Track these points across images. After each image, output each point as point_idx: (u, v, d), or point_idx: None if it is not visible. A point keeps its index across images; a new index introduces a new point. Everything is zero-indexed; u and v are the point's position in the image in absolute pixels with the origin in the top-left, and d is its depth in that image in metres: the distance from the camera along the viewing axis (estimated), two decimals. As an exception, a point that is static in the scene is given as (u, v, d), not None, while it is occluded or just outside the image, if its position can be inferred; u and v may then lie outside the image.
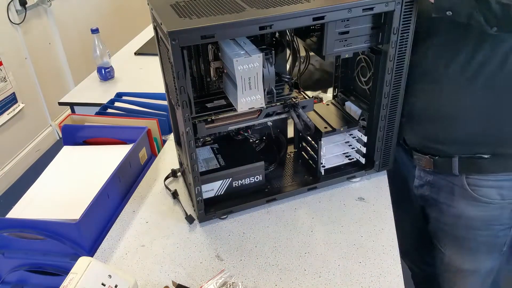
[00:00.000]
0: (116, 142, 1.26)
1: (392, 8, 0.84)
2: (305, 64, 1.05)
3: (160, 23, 0.79)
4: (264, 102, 0.89)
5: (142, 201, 1.07)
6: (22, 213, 1.02)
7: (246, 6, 0.82)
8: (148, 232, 0.98)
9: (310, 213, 1.00)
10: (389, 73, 0.93)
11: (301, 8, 0.80)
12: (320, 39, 0.89)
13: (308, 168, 1.10)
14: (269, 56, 0.86)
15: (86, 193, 1.01)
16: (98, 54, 1.78)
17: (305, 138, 1.09)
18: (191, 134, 0.86)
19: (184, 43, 0.74)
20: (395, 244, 0.90)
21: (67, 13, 2.92)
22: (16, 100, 2.53)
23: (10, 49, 2.48)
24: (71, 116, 1.35)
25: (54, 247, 0.93)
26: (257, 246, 0.92)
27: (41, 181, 1.13)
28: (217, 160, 1.03)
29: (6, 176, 2.52)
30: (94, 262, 0.75)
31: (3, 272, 0.99)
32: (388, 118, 1.00)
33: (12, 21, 2.46)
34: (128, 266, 0.89)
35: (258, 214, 1.00)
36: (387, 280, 0.82)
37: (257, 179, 1.02)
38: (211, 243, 0.93)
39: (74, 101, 1.71)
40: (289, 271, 0.86)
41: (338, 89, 1.15)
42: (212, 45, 0.92)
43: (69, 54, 2.95)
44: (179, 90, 0.80)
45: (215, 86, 1.01)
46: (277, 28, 0.81)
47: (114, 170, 1.05)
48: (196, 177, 0.91)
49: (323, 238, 0.92)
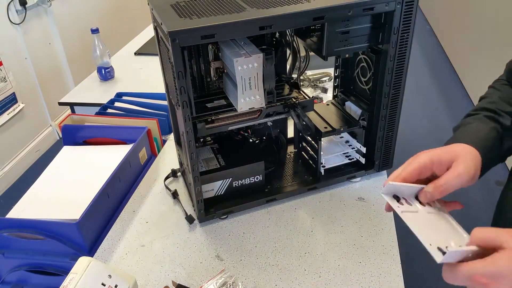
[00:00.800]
0: (116, 142, 1.26)
1: (393, 8, 0.84)
2: (305, 64, 1.05)
3: (160, 23, 0.79)
4: (264, 102, 0.89)
5: (142, 201, 1.07)
6: (22, 213, 1.02)
7: (246, 6, 0.82)
8: (148, 232, 0.98)
9: (310, 213, 1.00)
10: (389, 73, 0.93)
11: (301, 8, 0.80)
12: (320, 39, 0.89)
13: (308, 168, 1.10)
14: (269, 56, 0.86)
15: (86, 193, 1.01)
16: (98, 54, 1.78)
17: (305, 138, 1.09)
18: (191, 134, 0.86)
19: (184, 43, 0.74)
20: (395, 244, 0.90)
21: (67, 13, 2.93)
22: (16, 100, 2.52)
23: (10, 49, 2.48)
24: (71, 116, 1.35)
25: (54, 247, 0.93)
26: (257, 246, 0.92)
27: (41, 181, 1.13)
28: (217, 160, 1.03)
29: (6, 176, 2.51)
30: (94, 262, 0.75)
31: (3, 272, 0.99)
32: (388, 118, 1.00)
33: (12, 21, 2.46)
34: (128, 266, 0.89)
35: (258, 214, 1.00)
36: (387, 280, 0.82)
37: (257, 179, 1.02)
38: (211, 243, 0.93)
39: (74, 101, 1.71)
40: (289, 271, 0.86)
41: (338, 89, 1.14)
42: (212, 45, 0.92)
43: (69, 54, 2.95)
44: (179, 90, 0.80)
45: (215, 86, 1.01)
46: (277, 28, 0.81)
47: (114, 170, 1.05)
48: (196, 177, 0.91)
49: (323, 238, 0.92)
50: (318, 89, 1.57)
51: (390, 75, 0.93)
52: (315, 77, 1.61)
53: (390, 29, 0.87)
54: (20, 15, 2.51)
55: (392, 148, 1.06)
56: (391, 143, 1.05)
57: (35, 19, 2.67)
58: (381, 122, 1.00)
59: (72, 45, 2.97)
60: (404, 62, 0.93)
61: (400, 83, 0.95)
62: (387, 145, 1.05)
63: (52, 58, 2.86)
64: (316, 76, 1.62)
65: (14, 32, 2.50)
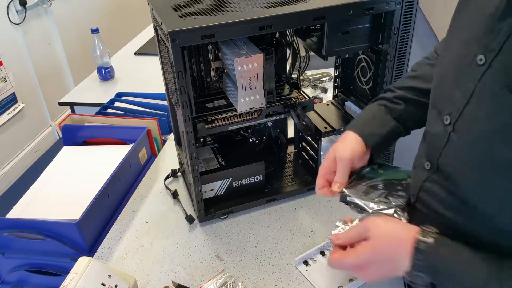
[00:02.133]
0: (116, 142, 1.26)
1: (393, 8, 0.84)
2: (305, 64, 1.05)
3: (160, 23, 0.79)
4: (264, 102, 0.89)
5: (142, 201, 1.07)
6: (22, 213, 1.02)
7: (246, 6, 0.82)
8: (148, 232, 0.97)
9: (310, 213, 1.00)
10: (389, 73, 0.93)
11: (301, 8, 0.80)
12: (320, 39, 0.89)
13: (308, 168, 1.10)
14: (269, 56, 0.86)
15: (86, 193, 1.01)
16: (98, 54, 1.78)
17: (305, 138, 1.09)
18: (191, 134, 0.86)
19: (185, 43, 0.74)
20: (395, 244, 0.89)
21: (67, 13, 2.92)
22: (16, 100, 2.52)
23: (10, 49, 2.47)
24: (71, 116, 1.35)
25: (54, 247, 0.92)
26: (257, 246, 0.92)
27: (41, 181, 1.13)
28: (217, 160, 1.03)
29: (6, 176, 2.51)
30: (94, 262, 0.75)
31: (3, 272, 0.99)
32: (388, 118, 1.00)
33: (12, 21, 2.46)
34: (128, 266, 0.89)
35: (258, 214, 1.00)
36: (387, 280, 0.82)
37: (257, 179, 1.02)
38: (211, 243, 0.93)
39: (74, 101, 1.71)
40: (289, 271, 0.85)
41: (338, 89, 1.14)
42: (212, 45, 0.92)
43: (69, 54, 2.95)
44: (179, 90, 0.80)
45: (215, 86, 1.01)
46: (277, 28, 0.81)
47: (114, 170, 1.05)
48: (196, 177, 0.91)
49: (323, 238, 0.92)
50: (318, 89, 1.57)
51: (390, 75, 0.93)
52: (315, 77, 1.61)
53: (390, 29, 0.87)
54: (20, 15, 2.51)
55: (392, 148, 1.06)
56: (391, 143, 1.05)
57: (35, 19, 2.67)
58: (381, 122, 1.00)
59: (72, 45, 2.97)
60: (404, 62, 0.93)
61: (400, 83, 0.95)
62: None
63: (52, 58, 2.86)
64: (316, 76, 1.62)
65: (14, 32, 2.50)
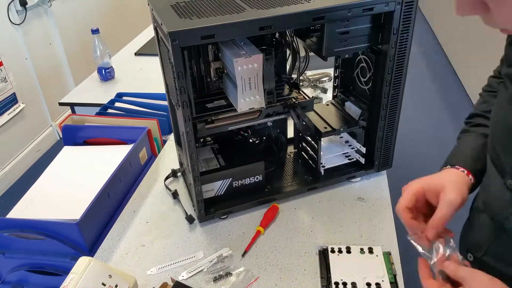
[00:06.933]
0: (116, 142, 1.26)
1: (392, 8, 0.84)
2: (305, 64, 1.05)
3: (160, 24, 0.79)
4: (264, 102, 0.89)
5: (142, 201, 1.07)
6: (22, 213, 1.02)
7: (246, 6, 0.82)
8: (148, 232, 0.98)
9: (310, 213, 1.00)
10: (389, 73, 0.93)
11: (301, 8, 0.80)
12: (320, 40, 0.89)
13: (308, 168, 1.10)
14: (269, 57, 0.86)
15: (86, 193, 1.01)
16: (98, 55, 1.79)
17: (305, 138, 1.09)
18: (191, 134, 0.86)
19: (185, 44, 0.75)
20: (395, 244, 0.90)
21: (67, 14, 2.92)
22: (16, 100, 2.53)
23: (11, 50, 2.47)
24: (71, 116, 1.35)
25: (54, 247, 0.93)
26: (257, 246, 0.92)
27: (41, 181, 1.13)
28: (217, 160, 1.03)
29: (6, 176, 2.52)
30: (94, 262, 0.75)
31: (3, 272, 0.99)
32: (388, 118, 1.00)
33: (12, 21, 2.46)
34: (128, 266, 0.89)
35: (258, 214, 1.00)
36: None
37: (257, 179, 1.02)
38: (211, 243, 0.93)
39: (74, 101, 1.71)
40: (289, 271, 0.86)
41: (338, 89, 1.15)
42: (212, 45, 0.93)
43: (70, 55, 2.95)
44: (179, 90, 0.80)
45: (215, 86, 1.01)
46: (277, 29, 0.81)
47: (114, 170, 1.05)
48: (196, 177, 0.91)
49: (323, 238, 0.92)
50: (318, 89, 1.57)
51: (390, 75, 0.93)
52: (315, 77, 1.62)
53: (390, 30, 0.87)
54: (20, 15, 2.51)
55: (392, 148, 1.06)
56: (391, 143, 1.05)
57: (36, 19, 2.67)
58: (380, 122, 1.00)
59: (72, 46, 2.97)
60: (403, 62, 0.93)
61: (400, 83, 0.96)
62: (386, 145, 1.05)
63: (52, 59, 2.86)
64: (316, 76, 1.62)
65: (14, 33, 2.50)
